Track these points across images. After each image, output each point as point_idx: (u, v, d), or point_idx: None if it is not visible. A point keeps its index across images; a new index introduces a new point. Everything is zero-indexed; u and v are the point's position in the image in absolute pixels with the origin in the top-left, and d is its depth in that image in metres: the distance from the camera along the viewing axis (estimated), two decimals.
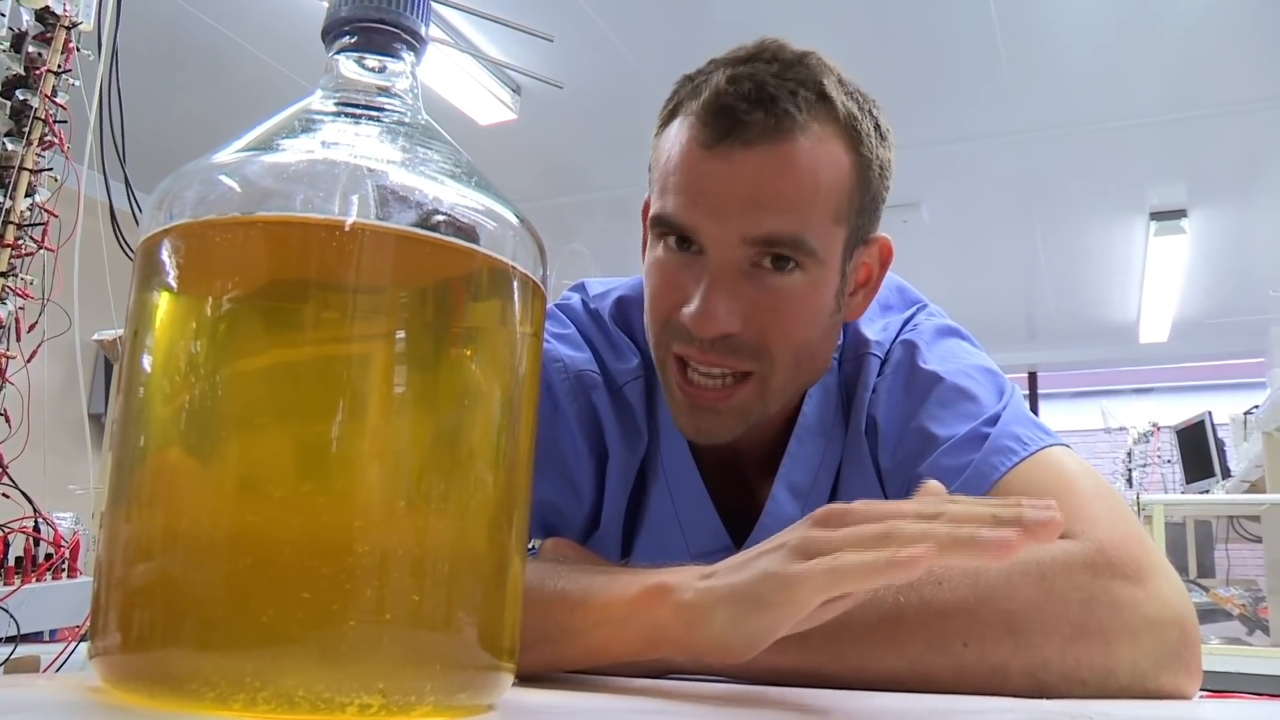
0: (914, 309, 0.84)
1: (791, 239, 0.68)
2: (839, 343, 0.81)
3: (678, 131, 0.71)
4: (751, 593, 0.46)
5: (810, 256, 0.69)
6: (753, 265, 0.69)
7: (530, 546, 0.77)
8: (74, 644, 0.84)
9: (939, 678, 0.55)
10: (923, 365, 0.75)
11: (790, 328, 0.71)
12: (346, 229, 0.35)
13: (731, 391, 0.71)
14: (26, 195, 0.91)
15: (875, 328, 0.82)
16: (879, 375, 0.78)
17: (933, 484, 0.49)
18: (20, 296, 0.93)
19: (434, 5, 0.45)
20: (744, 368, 0.71)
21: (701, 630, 0.48)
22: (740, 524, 0.81)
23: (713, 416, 0.72)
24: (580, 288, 0.90)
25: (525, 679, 0.58)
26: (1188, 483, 4.98)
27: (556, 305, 0.88)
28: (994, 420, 0.69)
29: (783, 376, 0.72)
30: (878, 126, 0.73)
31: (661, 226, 0.71)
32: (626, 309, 0.86)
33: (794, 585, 0.44)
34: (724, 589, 0.48)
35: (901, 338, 0.79)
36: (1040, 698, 0.54)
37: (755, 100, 0.67)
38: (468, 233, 0.38)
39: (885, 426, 0.76)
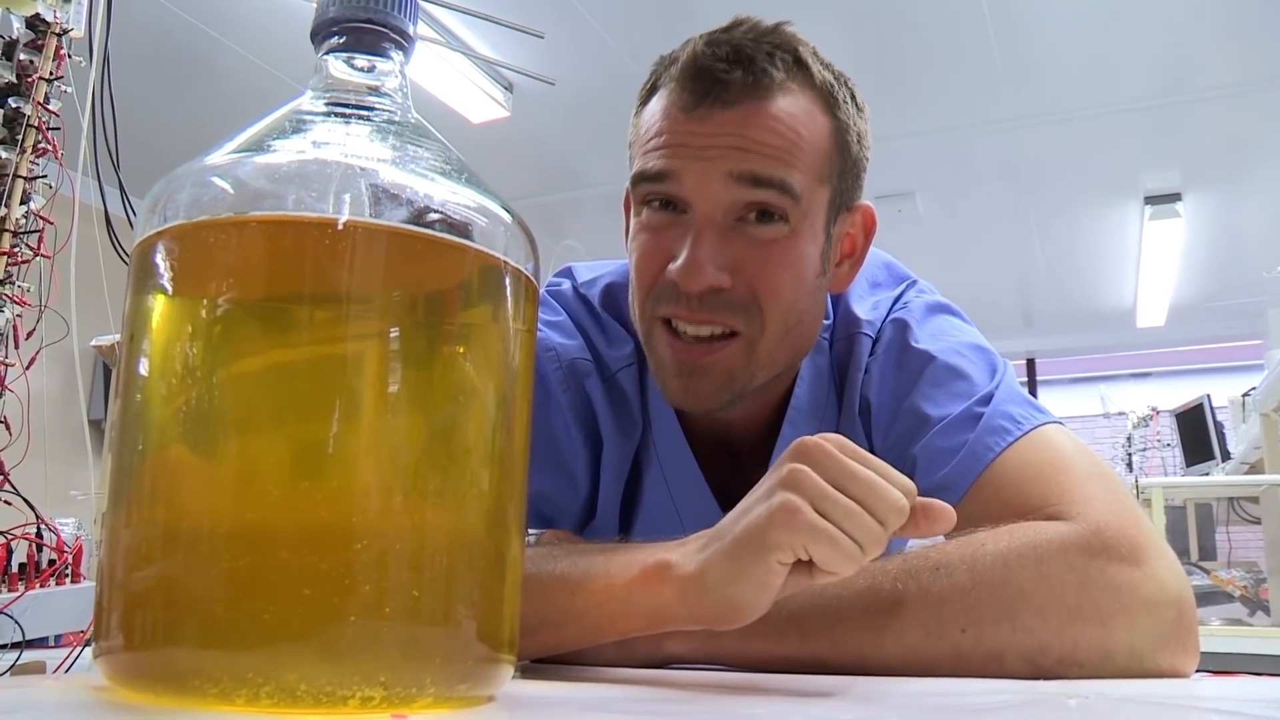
0: (904, 285, 0.83)
1: (778, 181, 0.68)
2: (829, 322, 0.81)
3: (657, 102, 0.71)
4: (740, 554, 0.48)
5: (795, 203, 0.69)
6: (738, 220, 0.69)
7: (528, 540, 0.77)
8: (79, 649, 0.84)
9: (937, 664, 0.55)
10: (914, 344, 0.75)
11: (777, 281, 0.70)
12: (339, 227, 0.36)
13: (718, 349, 0.71)
14: (21, 202, 0.91)
15: (865, 306, 0.81)
16: (871, 355, 0.78)
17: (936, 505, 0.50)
18: (18, 304, 0.93)
19: (424, 4, 0.46)
20: (733, 324, 0.70)
21: (705, 601, 0.50)
22: None
23: (700, 379, 0.71)
24: (568, 273, 0.89)
25: (525, 667, 0.58)
26: (1188, 466, 4.97)
27: (546, 291, 0.88)
28: (987, 399, 0.69)
29: (771, 340, 0.71)
30: (853, 96, 0.74)
31: (644, 184, 0.71)
32: (615, 295, 0.85)
33: (771, 550, 0.47)
34: (717, 554, 0.49)
35: (892, 316, 0.79)
36: (1038, 680, 0.54)
37: (734, 61, 0.68)
38: (459, 229, 0.38)
39: (878, 407, 0.75)
